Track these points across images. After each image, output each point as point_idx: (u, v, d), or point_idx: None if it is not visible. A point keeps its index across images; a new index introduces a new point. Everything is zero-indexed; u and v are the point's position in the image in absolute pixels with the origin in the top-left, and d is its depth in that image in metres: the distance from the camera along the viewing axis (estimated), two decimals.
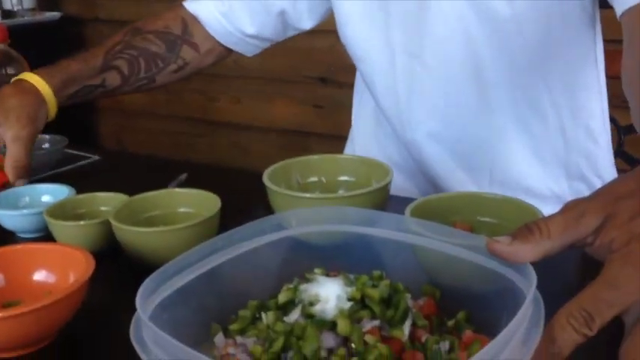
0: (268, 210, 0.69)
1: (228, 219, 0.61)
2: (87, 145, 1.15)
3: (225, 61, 1.04)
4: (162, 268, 0.47)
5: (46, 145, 1.01)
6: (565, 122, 0.87)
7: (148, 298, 0.45)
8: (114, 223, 0.64)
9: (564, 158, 0.89)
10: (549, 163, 0.88)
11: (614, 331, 0.42)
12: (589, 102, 0.88)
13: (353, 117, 1.04)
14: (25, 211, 0.74)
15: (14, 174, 0.80)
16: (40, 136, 0.87)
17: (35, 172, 0.89)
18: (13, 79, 0.87)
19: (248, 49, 0.99)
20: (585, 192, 0.87)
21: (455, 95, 0.85)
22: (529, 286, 0.41)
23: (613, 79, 0.88)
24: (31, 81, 0.85)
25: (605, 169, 0.91)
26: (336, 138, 1.08)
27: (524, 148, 0.87)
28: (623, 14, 0.70)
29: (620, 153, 1.12)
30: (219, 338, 0.48)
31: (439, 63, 0.83)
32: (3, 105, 0.82)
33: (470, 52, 0.82)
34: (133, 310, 0.42)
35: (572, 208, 0.44)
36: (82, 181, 0.89)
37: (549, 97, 0.85)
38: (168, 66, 0.96)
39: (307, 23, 0.97)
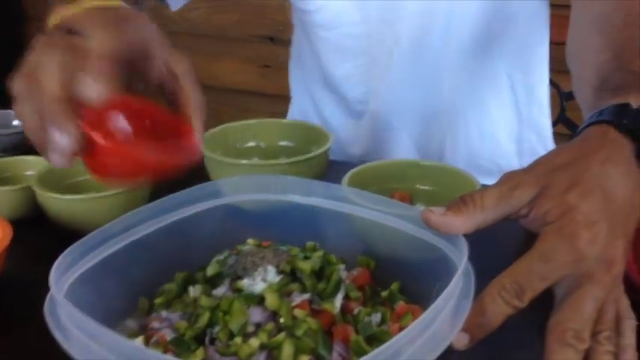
0: (207, 177, 0.66)
1: (162, 187, 0.58)
2: None
3: (172, 17, 0.96)
4: (83, 240, 0.45)
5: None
6: (520, 99, 0.87)
7: (65, 272, 0.42)
8: (36, 189, 0.60)
9: (517, 135, 0.88)
10: (502, 141, 0.88)
11: (545, 303, 0.42)
12: (543, 77, 0.88)
13: (291, 81, 1.01)
14: None
15: None
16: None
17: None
18: None
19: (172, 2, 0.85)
20: None
21: (420, 71, 0.82)
22: (461, 257, 0.41)
23: (557, 44, 0.88)
24: None
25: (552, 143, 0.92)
26: (283, 98, 1.05)
27: (478, 126, 0.87)
28: None
29: (562, 118, 1.13)
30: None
31: (410, 35, 0.81)
32: None
33: (438, 30, 0.79)
34: None
35: (508, 180, 0.44)
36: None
37: (506, 73, 0.85)
38: None
39: None
